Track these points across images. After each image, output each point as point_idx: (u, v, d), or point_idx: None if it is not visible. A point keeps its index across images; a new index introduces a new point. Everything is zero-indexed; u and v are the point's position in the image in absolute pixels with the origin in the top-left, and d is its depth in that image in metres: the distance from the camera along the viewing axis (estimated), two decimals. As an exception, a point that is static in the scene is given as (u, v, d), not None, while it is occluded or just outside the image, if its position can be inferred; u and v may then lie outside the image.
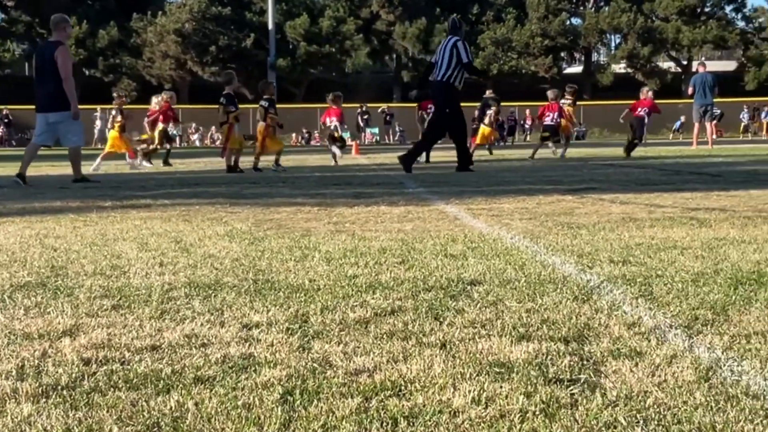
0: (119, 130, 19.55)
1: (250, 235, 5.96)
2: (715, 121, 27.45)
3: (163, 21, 61.69)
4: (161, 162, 20.53)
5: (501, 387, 2.43)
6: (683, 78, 64.03)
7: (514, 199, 8.61)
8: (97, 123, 51.22)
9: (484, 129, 24.58)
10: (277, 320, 3.29)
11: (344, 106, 21.43)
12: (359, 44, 65.86)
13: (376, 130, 56.08)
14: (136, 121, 21.72)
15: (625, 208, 7.54)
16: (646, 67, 67.20)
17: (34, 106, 13.06)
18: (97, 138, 50.36)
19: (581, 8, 71.62)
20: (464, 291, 3.81)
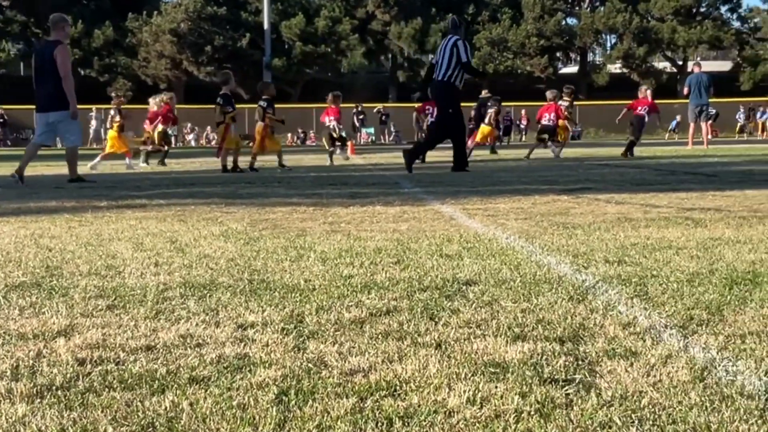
0: (118, 129, 19.56)
1: (246, 235, 5.95)
2: (710, 121, 27.47)
3: (159, 21, 61.69)
4: (157, 162, 20.53)
5: (496, 387, 2.43)
6: (679, 78, 64.05)
7: (509, 199, 8.61)
8: (92, 123, 51.20)
9: (484, 128, 24.68)
10: (272, 320, 3.29)
11: (340, 106, 21.49)
12: (355, 44, 65.88)
13: (371, 130, 56.06)
14: (134, 121, 21.75)
15: (621, 208, 7.55)
16: (642, 68, 67.28)
17: (29, 106, 13.12)
18: (92, 138, 50.34)
19: (577, 8, 71.68)
20: (459, 291, 3.81)
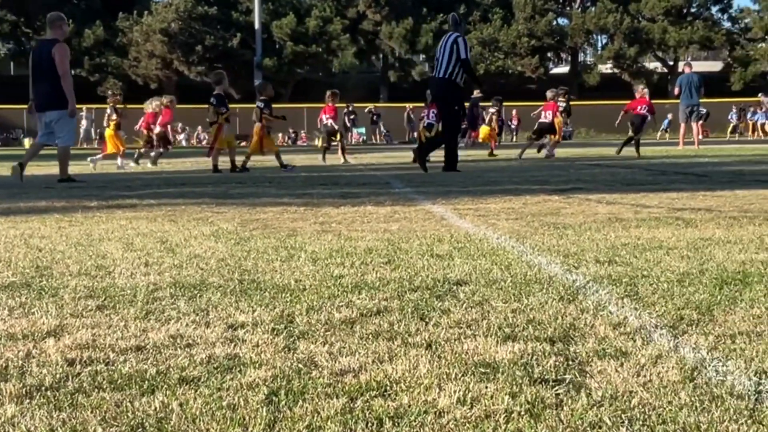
0: (114, 128, 19.57)
1: (236, 235, 5.95)
2: (701, 121, 27.54)
3: (149, 20, 61.58)
4: (150, 162, 20.49)
5: (486, 387, 2.43)
6: (669, 78, 64.15)
7: (500, 199, 8.62)
8: (83, 123, 51.02)
9: (485, 128, 24.89)
10: (262, 320, 3.29)
11: (337, 105, 21.66)
12: (346, 44, 65.83)
13: (362, 130, 56.07)
14: (128, 120, 21.77)
15: (612, 209, 7.56)
16: (633, 68, 67.37)
17: (19, 105, 13.15)
18: (83, 138, 50.19)
19: (568, 8, 71.74)
20: (450, 291, 3.81)
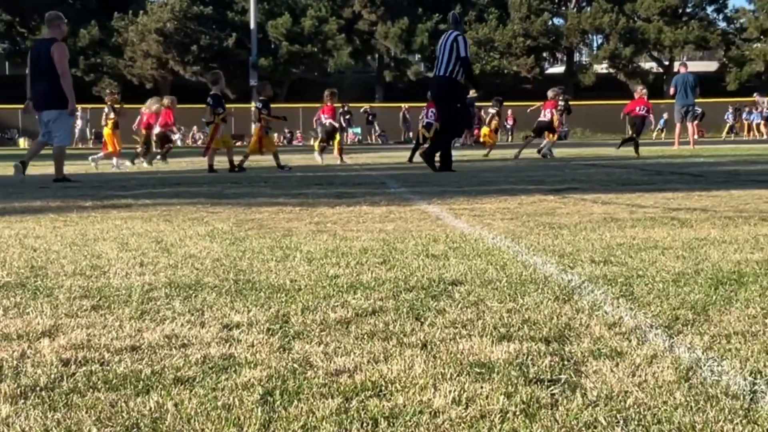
0: (112, 127, 19.57)
1: (231, 235, 5.94)
2: (696, 121, 27.57)
3: (145, 20, 61.48)
4: (145, 162, 20.48)
5: (481, 387, 2.43)
6: (665, 78, 64.19)
7: (495, 199, 8.62)
8: (77, 122, 50.92)
9: (485, 129, 25.09)
10: (257, 320, 3.29)
11: (336, 104, 21.73)
12: (341, 44, 65.78)
13: (358, 129, 56.09)
14: (128, 119, 21.76)
15: (607, 208, 7.56)
16: (628, 68, 67.39)
17: (14, 105, 13.15)
18: (78, 138, 50.14)
19: (563, 8, 71.73)
20: (445, 291, 3.81)
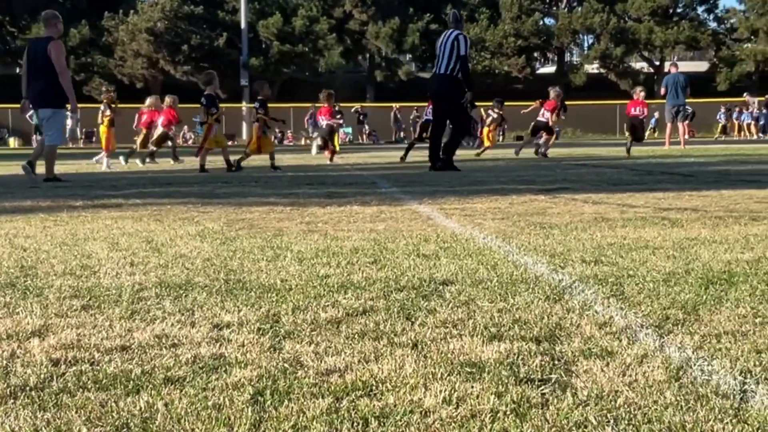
0: (108, 124, 19.56)
1: (222, 235, 5.94)
2: (687, 121, 27.62)
3: (135, 20, 61.35)
4: (139, 160, 20.47)
5: (472, 387, 2.43)
6: (656, 78, 64.24)
7: (486, 199, 8.62)
8: (67, 122, 50.78)
9: (486, 130, 25.22)
10: (248, 320, 3.28)
11: (317, 105, 21.73)
12: (332, 44, 65.72)
13: (349, 129, 56.09)
14: (123, 118, 21.74)
15: (598, 208, 7.57)
16: (619, 68, 67.46)
17: (5, 105, 13.14)
18: (69, 137, 50.04)
19: (554, 8, 71.81)
20: (436, 291, 3.81)
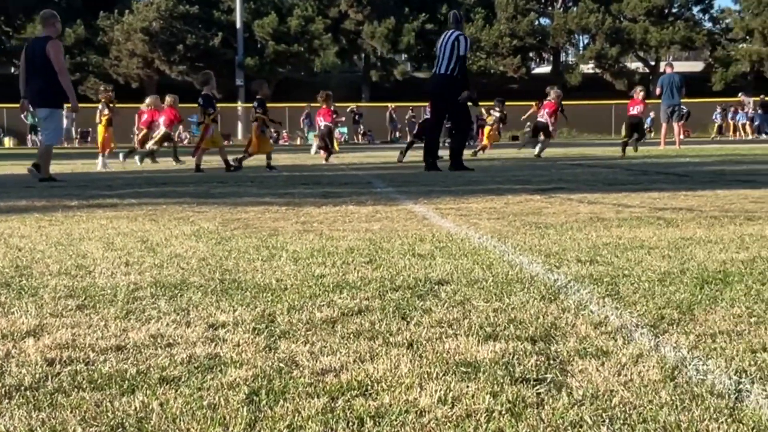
0: (106, 123, 19.56)
1: (217, 235, 5.93)
2: (682, 121, 27.64)
3: (130, 19, 61.26)
4: (138, 159, 20.50)
5: (467, 386, 2.42)
6: (651, 78, 64.25)
7: (482, 199, 8.62)
8: (63, 122, 50.72)
9: (487, 129, 25.33)
10: (243, 320, 3.28)
11: (312, 105, 21.77)
12: (328, 43, 65.66)
13: (344, 129, 56.03)
14: (122, 118, 21.76)
15: (593, 208, 7.57)
16: (615, 68, 67.48)
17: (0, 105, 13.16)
18: (64, 137, 49.96)
19: (549, 8, 71.84)
20: (431, 291, 3.81)
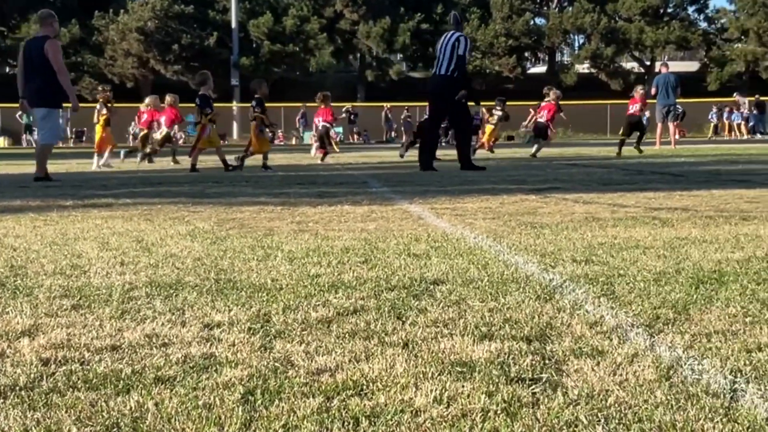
0: (104, 123, 19.54)
1: (213, 235, 5.93)
2: (677, 121, 27.66)
3: (126, 19, 61.18)
4: (139, 157, 20.55)
5: (463, 386, 2.42)
6: (646, 78, 64.23)
7: (477, 199, 8.62)
8: (60, 122, 50.66)
9: (489, 128, 25.47)
10: (238, 320, 3.28)
11: (308, 105, 21.85)
12: (323, 43, 65.63)
13: (340, 129, 56.03)
14: (119, 118, 21.76)
15: (588, 208, 7.57)
16: (610, 68, 67.50)
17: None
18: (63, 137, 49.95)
19: (545, 8, 71.86)
20: (427, 290, 3.81)
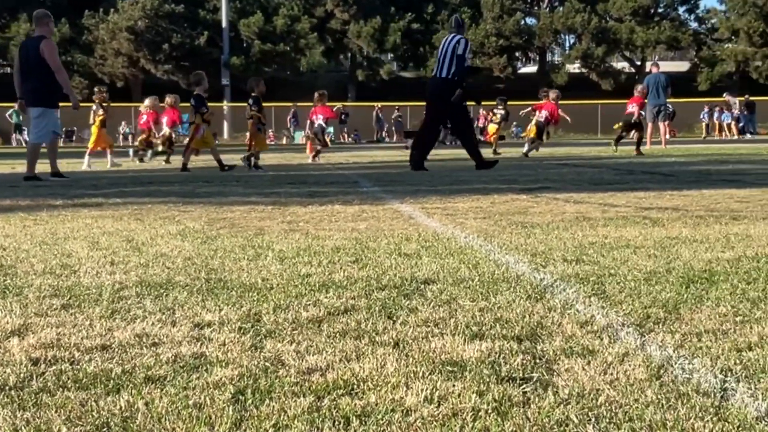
0: (100, 124, 19.53)
1: (203, 234, 5.92)
2: (668, 121, 27.70)
3: (116, 18, 61.10)
4: (148, 157, 20.63)
5: (453, 386, 2.42)
6: (637, 78, 64.31)
7: (468, 198, 8.62)
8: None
9: (492, 127, 25.52)
10: (229, 319, 3.27)
11: (299, 105, 21.80)
12: (314, 43, 65.64)
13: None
14: (114, 118, 21.77)
15: (579, 208, 7.58)
16: (600, 67, 67.65)
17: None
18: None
19: (536, 8, 71.99)
20: (418, 290, 3.80)
